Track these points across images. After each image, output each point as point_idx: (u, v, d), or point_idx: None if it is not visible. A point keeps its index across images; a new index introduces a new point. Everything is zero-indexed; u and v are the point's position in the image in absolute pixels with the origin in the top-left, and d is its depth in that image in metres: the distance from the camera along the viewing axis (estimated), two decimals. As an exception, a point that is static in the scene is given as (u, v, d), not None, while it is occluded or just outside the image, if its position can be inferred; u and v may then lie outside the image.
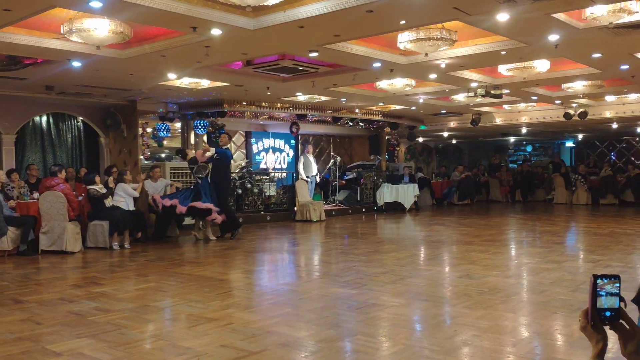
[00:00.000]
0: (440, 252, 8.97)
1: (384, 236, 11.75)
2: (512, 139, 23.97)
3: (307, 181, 14.88)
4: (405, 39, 7.21)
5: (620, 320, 1.53)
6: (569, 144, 24.75)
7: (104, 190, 9.62)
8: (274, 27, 6.64)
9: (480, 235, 10.59)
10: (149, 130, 14.19)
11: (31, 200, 9.44)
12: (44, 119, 12.40)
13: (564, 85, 11.93)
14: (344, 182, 16.78)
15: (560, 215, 15.01)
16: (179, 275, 7.21)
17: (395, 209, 16.38)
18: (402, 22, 6.63)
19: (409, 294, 5.91)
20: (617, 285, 1.52)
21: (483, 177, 20.75)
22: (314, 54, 8.25)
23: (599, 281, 1.52)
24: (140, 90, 11.39)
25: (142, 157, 13.28)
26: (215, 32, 6.83)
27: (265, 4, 5.44)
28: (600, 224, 12.35)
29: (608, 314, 1.52)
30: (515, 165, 23.87)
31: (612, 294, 1.52)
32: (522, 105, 15.48)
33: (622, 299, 1.53)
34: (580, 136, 22.62)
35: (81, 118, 12.97)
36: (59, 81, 10.07)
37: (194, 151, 11.52)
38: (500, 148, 25.88)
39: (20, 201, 9.35)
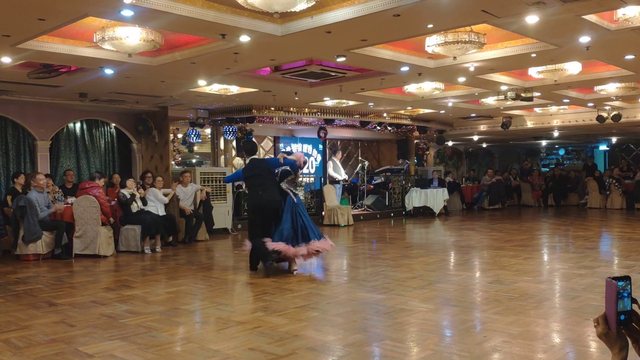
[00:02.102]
0: (470, 257, 8.88)
1: (413, 241, 11.67)
2: (544, 143, 23.60)
3: (339, 182, 14.94)
4: (433, 43, 7.17)
5: (632, 323, 1.49)
6: (603, 147, 24.26)
7: (129, 196, 9.77)
8: (302, 32, 6.68)
9: (512, 240, 10.44)
10: (180, 136, 14.39)
11: (65, 205, 9.68)
12: (78, 125, 12.68)
13: (596, 88, 11.71)
14: (372, 186, 16.74)
15: (594, 220, 14.71)
16: (208, 279, 7.29)
17: (424, 213, 16.27)
18: (430, 25, 6.61)
19: (438, 299, 5.86)
20: (629, 287, 1.49)
21: (514, 181, 20.47)
22: (341, 59, 8.27)
23: (620, 283, 1.47)
24: (171, 97, 11.56)
25: (173, 162, 13.47)
26: (244, 38, 6.90)
27: (293, 10, 5.48)
28: (635, 229, 12.06)
29: (622, 317, 1.48)
30: (547, 169, 23.49)
31: (628, 296, 1.48)
32: (553, 108, 15.22)
33: (634, 301, 1.49)
34: (614, 139, 22.16)
35: (114, 124, 13.22)
36: (92, 88, 10.29)
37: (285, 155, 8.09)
38: (531, 152, 25.51)
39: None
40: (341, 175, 15.61)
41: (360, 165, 16.31)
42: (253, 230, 7.69)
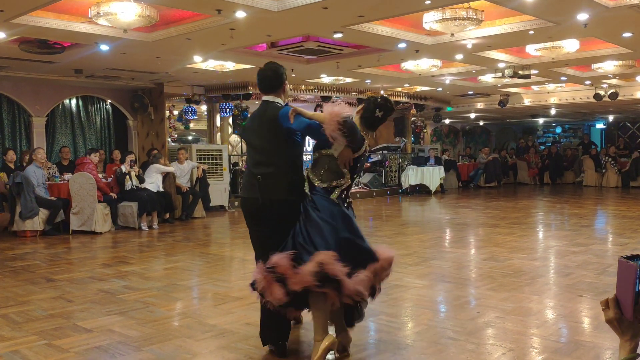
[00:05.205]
0: (465, 235, 8.94)
1: (409, 219, 11.73)
2: (541, 121, 23.60)
3: None
4: (430, 19, 7.14)
5: None
6: (600, 125, 24.27)
7: (123, 172, 9.81)
8: (298, 8, 6.63)
9: (507, 218, 10.50)
10: (176, 112, 14.33)
11: (62, 182, 9.69)
12: (74, 102, 12.61)
13: (593, 66, 11.68)
14: (368, 164, 16.75)
15: (589, 198, 14.79)
16: (205, 255, 7.33)
17: (420, 191, 16.32)
18: (427, 2, 6.56)
19: (433, 275, 5.91)
20: None
21: (511, 159, 20.53)
22: (338, 35, 8.22)
23: None
24: (167, 73, 11.49)
25: (169, 139, 13.44)
26: (240, 14, 6.84)
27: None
28: (630, 207, 12.14)
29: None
30: (544, 147, 23.53)
31: None
32: (551, 86, 15.21)
33: None
34: (611, 117, 22.16)
35: (109, 101, 13.16)
36: (87, 64, 10.22)
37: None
38: (528, 130, 25.52)
39: (51, 182, 9.59)
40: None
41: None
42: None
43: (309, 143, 4.59)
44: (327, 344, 3.32)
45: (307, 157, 7.33)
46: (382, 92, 15.36)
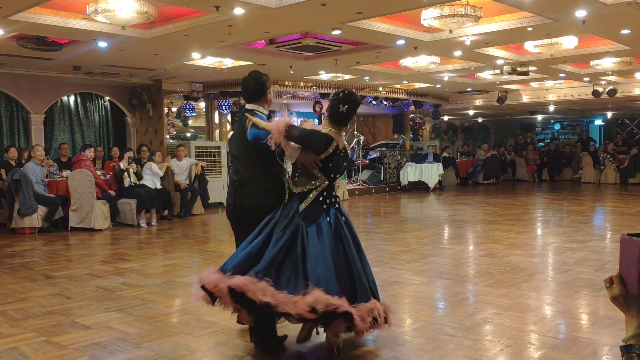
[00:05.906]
0: (464, 231, 8.95)
1: (407, 215, 11.73)
2: (539, 117, 23.60)
3: None
4: (429, 16, 7.12)
5: None
6: (598, 122, 24.28)
7: (120, 168, 9.82)
8: (296, 5, 6.61)
9: (505, 215, 10.52)
10: (174, 109, 14.31)
11: (60, 179, 9.69)
12: (72, 98, 12.59)
13: (592, 62, 11.68)
14: (367, 161, 16.76)
15: (588, 195, 14.81)
16: (204, 252, 7.34)
17: (419, 188, 16.33)
18: (426, -2, 6.56)
19: (431, 272, 5.93)
20: None
21: (509, 156, 20.55)
22: (336, 32, 8.21)
23: None
24: (165, 70, 11.47)
25: (167, 136, 13.42)
26: (238, 10, 6.83)
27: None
28: (628, 204, 12.16)
29: None
30: (542, 144, 23.54)
31: None
32: (549, 83, 15.20)
33: None
34: (609, 114, 22.18)
35: (108, 98, 13.13)
36: (85, 61, 10.19)
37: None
38: (527, 126, 25.53)
39: (49, 179, 9.60)
40: None
41: (355, 140, 16.30)
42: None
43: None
44: (309, 325, 3.61)
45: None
46: (380, 88, 15.34)
